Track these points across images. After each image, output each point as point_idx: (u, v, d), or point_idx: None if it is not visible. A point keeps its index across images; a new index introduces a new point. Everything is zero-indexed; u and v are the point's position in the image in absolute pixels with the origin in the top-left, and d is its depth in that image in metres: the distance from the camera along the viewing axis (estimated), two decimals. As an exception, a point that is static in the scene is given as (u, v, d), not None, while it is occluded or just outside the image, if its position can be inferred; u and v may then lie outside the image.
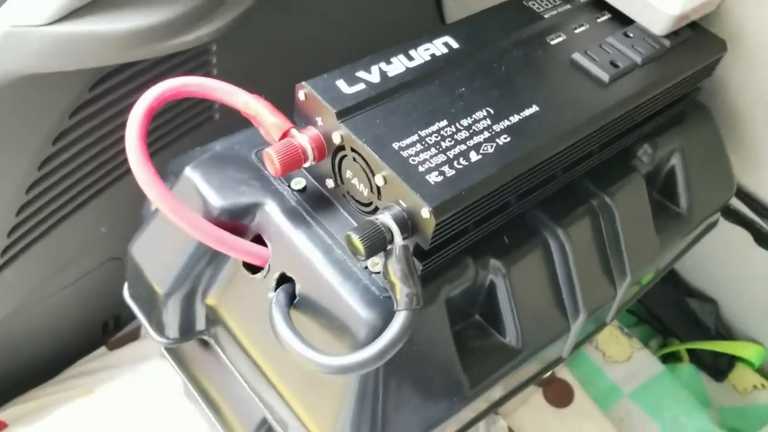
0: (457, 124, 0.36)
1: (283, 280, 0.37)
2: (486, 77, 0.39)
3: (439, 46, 0.39)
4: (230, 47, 0.55)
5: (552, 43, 0.42)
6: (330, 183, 0.37)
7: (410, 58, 0.38)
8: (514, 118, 0.37)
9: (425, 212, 0.32)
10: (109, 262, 0.63)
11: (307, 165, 0.36)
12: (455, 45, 0.40)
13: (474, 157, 0.35)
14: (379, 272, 0.35)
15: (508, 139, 0.36)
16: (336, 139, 0.35)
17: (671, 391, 0.76)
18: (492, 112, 0.37)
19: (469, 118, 0.36)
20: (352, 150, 0.35)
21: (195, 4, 0.45)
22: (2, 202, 0.48)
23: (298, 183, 0.38)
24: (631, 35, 0.43)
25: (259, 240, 0.38)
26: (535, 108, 0.38)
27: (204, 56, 0.56)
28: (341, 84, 0.36)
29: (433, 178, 0.33)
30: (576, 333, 0.44)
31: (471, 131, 0.36)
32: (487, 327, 0.41)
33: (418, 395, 0.37)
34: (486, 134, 0.36)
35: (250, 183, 0.38)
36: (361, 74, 0.37)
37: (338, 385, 0.36)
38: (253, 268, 0.38)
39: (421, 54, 0.39)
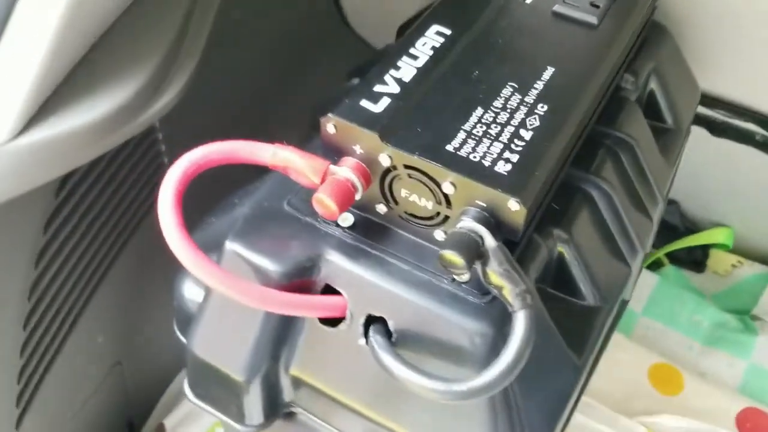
0: (492, 109, 0.35)
1: (370, 321, 0.35)
2: (491, 54, 0.38)
3: (434, 37, 0.38)
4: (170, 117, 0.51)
5: (527, 2, 0.41)
6: (381, 208, 0.35)
7: (414, 57, 0.36)
8: (539, 85, 0.36)
9: (513, 204, 0.31)
10: (112, 369, 0.59)
11: (358, 197, 0.34)
12: (447, 31, 0.38)
13: (526, 134, 0.34)
14: (467, 281, 0.34)
15: (545, 107, 0.35)
16: (384, 162, 0.33)
17: (674, 296, 0.79)
18: (516, 86, 0.36)
19: (499, 98, 0.35)
20: (406, 167, 0.33)
21: (144, 81, 0.41)
22: (4, 347, 0.43)
23: (346, 220, 0.36)
24: (596, -27, 0.43)
25: (328, 290, 0.35)
26: (551, 69, 0.37)
27: (151, 134, 0.52)
28: (366, 104, 0.34)
29: (503, 168, 0.32)
30: (636, 272, 0.44)
31: (509, 111, 0.35)
32: (563, 296, 0.40)
33: (540, 389, 0.36)
34: (524, 109, 0.35)
35: (298, 236, 0.35)
36: (379, 88, 0.35)
37: (466, 409, 0.34)
38: (332, 321, 0.35)
39: (422, 50, 0.37)
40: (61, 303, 0.48)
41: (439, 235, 0.34)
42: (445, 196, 0.33)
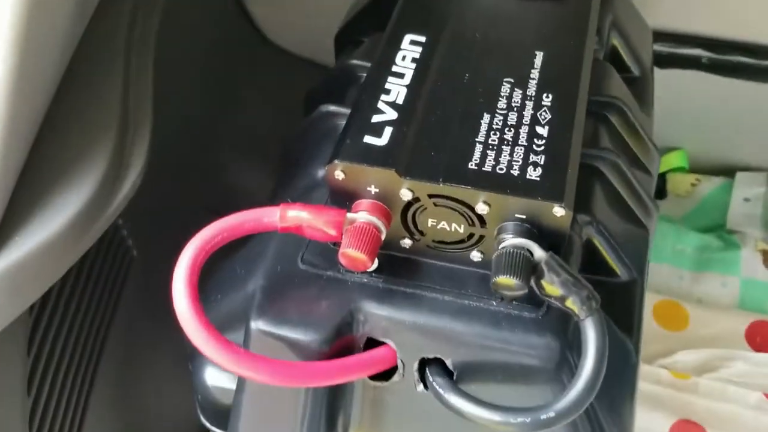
0: (498, 112, 0.32)
1: (424, 364, 0.32)
2: (473, 51, 0.35)
3: (411, 48, 0.35)
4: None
5: (487, -14, 0.39)
6: (406, 243, 0.33)
7: (400, 75, 0.34)
8: (535, 74, 0.34)
9: (558, 211, 0.29)
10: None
11: (383, 238, 0.31)
12: (422, 38, 0.36)
13: (543, 131, 0.31)
14: (515, 297, 0.32)
15: (550, 95, 0.33)
16: (405, 197, 0.30)
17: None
18: (513, 80, 0.34)
19: (501, 99, 0.33)
20: (431, 196, 0.30)
21: (102, 174, 0.37)
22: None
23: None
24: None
25: (370, 343, 0.33)
26: (539, 53, 0.35)
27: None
28: (370, 139, 0.31)
29: (534, 173, 0.30)
30: (653, 232, 0.43)
31: (516, 110, 0.32)
32: (599, 279, 0.39)
33: (609, 387, 0.34)
34: (530, 104, 0.33)
35: (325, 296, 0.32)
36: (377, 118, 0.32)
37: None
38: (383, 375, 0.33)
39: (404, 65, 0.34)
40: (61, 423, 0.44)
41: (475, 256, 0.32)
42: (479, 217, 0.30)
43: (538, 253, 0.29)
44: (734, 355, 0.64)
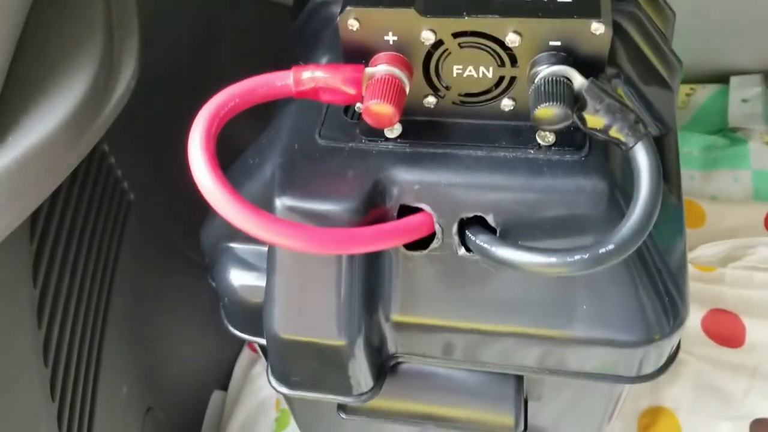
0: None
1: (463, 227, 0.30)
2: None
3: None
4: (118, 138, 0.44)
5: None
6: (430, 101, 0.30)
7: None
8: None
9: (597, 27, 0.26)
10: (146, 416, 0.52)
11: (407, 91, 0.29)
12: None
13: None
14: (552, 144, 0.30)
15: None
16: (428, 39, 0.28)
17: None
18: None
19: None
20: (455, 36, 0.28)
21: (94, 73, 0.34)
22: (42, 423, 0.36)
23: (394, 130, 0.31)
24: None
25: (404, 212, 0.30)
26: None
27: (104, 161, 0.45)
28: (382, -18, 0.28)
29: (563, -4, 0.27)
30: (677, 91, 0.41)
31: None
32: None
33: (660, 233, 0.32)
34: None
35: (351, 166, 0.30)
36: (384, -35, 0.29)
37: (598, 280, 0.30)
38: (420, 244, 0.30)
39: None
40: (77, 360, 0.41)
41: (507, 104, 0.30)
42: (509, 53, 0.28)
43: (578, 79, 0.27)
44: (756, 242, 0.63)
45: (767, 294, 0.59)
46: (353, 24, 0.28)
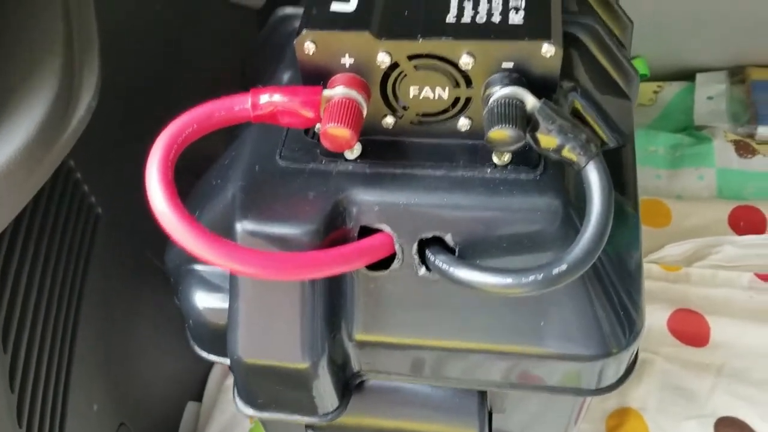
0: (467, -34, 0.30)
1: (423, 247, 0.30)
2: None
3: None
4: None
5: None
6: (389, 121, 0.30)
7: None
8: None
9: (547, 49, 0.27)
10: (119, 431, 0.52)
11: (365, 113, 0.29)
12: None
13: (518, -22, 0.29)
14: (508, 163, 0.30)
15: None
16: (384, 62, 0.28)
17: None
18: (478, -65, 0.31)
19: (469, -47, 0.31)
20: (411, 58, 0.28)
21: (54, 95, 0.33)
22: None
23: (354, 151, 0.31)
24: None
25: (364, 232, 0.30)
26: None
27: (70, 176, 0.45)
28: (338, 6, 0.28)
29: (516, 18, 0.28)
30: (635, 101, 0.41)
31: (486, -38, 0.30)
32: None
33: (614, 246, 0.33)
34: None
35: (310, 188, 0.30)
36: (340, -12, 0.29)
37: (556, 298, 0.30)
38: (381, 264, 0.31)
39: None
40: (45, 383, 0.41)
41: (464, 124, 0.30)
42: (464, 74, 0.28)
43: (531, 101, 0.27)
44: (721, 241, 0.64)
45: (731, 293, 0.60)
46: (309, 47, 0.28)
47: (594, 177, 0.27)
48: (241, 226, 0.30)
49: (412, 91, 0.29)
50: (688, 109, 0.84)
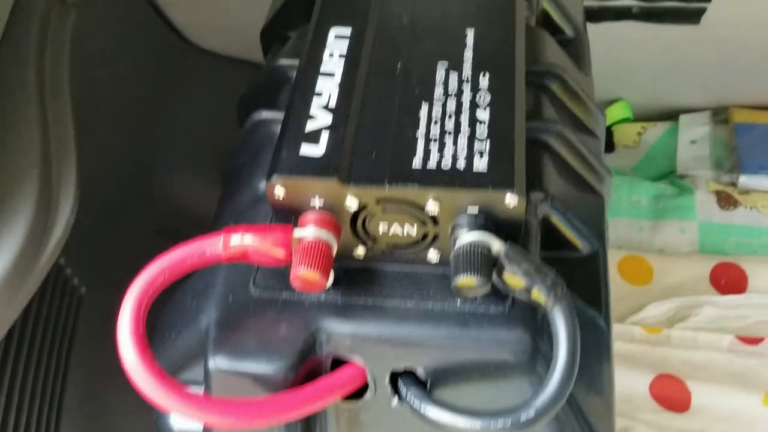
0: (436, 99, 0.31)
1: (395, 376, 0.31)
2: (403, 36, 0.33)
3: (337, 44, 0.33)
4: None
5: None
6: (360, 251, 0.31)
7: (330, 75, 0.32)
8: (469, 54, 0.32)
9: (510, 200, 0.27)
10: None
11: (335, 252, 0.29)
12: (347, 30, 0.34)
13: (484, 115, 0.30)
14: (476, 297, 0.30)
15: (487, 74, 0.31)
16: (352, 206, 0.29)
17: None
18: (447, 63, 0.32)
19: (438, 86, 0.31)
20: (378, 202, 0.28)
21: (30, 221, 0.34)
22: None
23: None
24: None
25: (337, 361, 0.31)
26: (470, 30, 0.33)
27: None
28: (307, 149, 0.29)
29: (480, 164, 0.28)
30: (607, 195, 0.42)
31: (454, 96, 0.31)
32: (561, 256, 0.38)
33: (584, 368, 0.33)
34: (468, 85, 0.31)
35: (283, 320, 0.31)
36: (311, 125, 0.30)
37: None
38: (354, 395, 0.31)
39: (333, 63, 0.32)
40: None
41: (433, 256, 0.31)
42: (432, 216, 0.29)
43: (496, 246, 0.28)
44: (702, 302, 0.64)
45: (712, 356, 0.61)
46: (279, 191, 0.29)
47: (560, 322, 0.28)
48: (214, 364, 0.30)
49: (382, 227, 0.30)
50: (672, 153, 0.85)
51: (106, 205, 0.52)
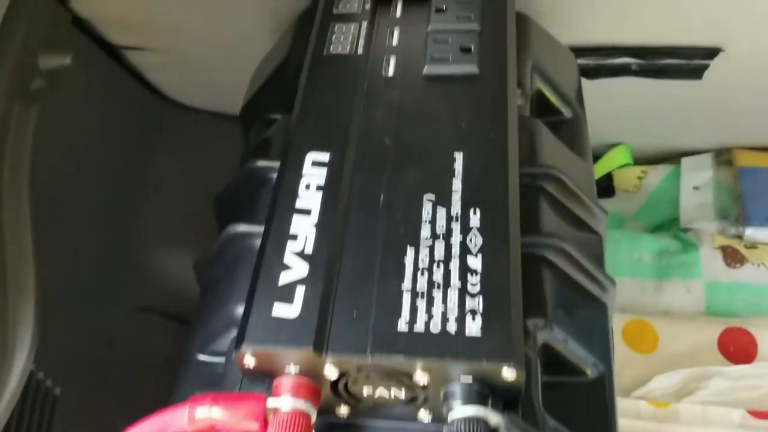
0: (422, 243, 0.28)
1: None
2: (385, 164, 0.31)
3: (314, 172, 0.30)
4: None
5: (390, 75, 0.34)
6: (343, 411, 0.28)
7: (306, 212, 0.29)
8: (457, 184, 0.30)
9: (508, 373, 0.25)
10: None
11: (314, 419, 0.26)
12: (325, 156, 0.31)
13: (476, 263, 0.27)
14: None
15: (478, 209, 0.29)
16: (331, 374, 0.26)
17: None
18: (434, 196, 0.29)
19: (425, 226, 0.28)
20: (360, 370, 0.26)
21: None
22: None
23: (306, 436, 0.28)
24: (444, 7, 0.37)
25: None
26: (458, 155, 0.31)
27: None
28: (280, 309, 0.26)
29: (473, 327, 0.25)
30: (612, 303, 0.39)
31: (443, 237, 0.28)
32: (566, 380, 0.35)
33: None
34: (457, 227, 0.28)
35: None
36: (285, 278, 0.27)
37: None
38: None
39: (310, 197, 0.29)
40: None
41: (424, 417, 0.28)
42: (422, 385, 0.26)
43: (494, 419, 0.25)
44: (710, 373, 0.61)
45: (723, 431, 0.58)
46: (250, 361, 0.26)
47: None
48: None
49: (366, 390, 0.27)
50: (674, 199, 0.82)
51: (83, 284, 0.49)
